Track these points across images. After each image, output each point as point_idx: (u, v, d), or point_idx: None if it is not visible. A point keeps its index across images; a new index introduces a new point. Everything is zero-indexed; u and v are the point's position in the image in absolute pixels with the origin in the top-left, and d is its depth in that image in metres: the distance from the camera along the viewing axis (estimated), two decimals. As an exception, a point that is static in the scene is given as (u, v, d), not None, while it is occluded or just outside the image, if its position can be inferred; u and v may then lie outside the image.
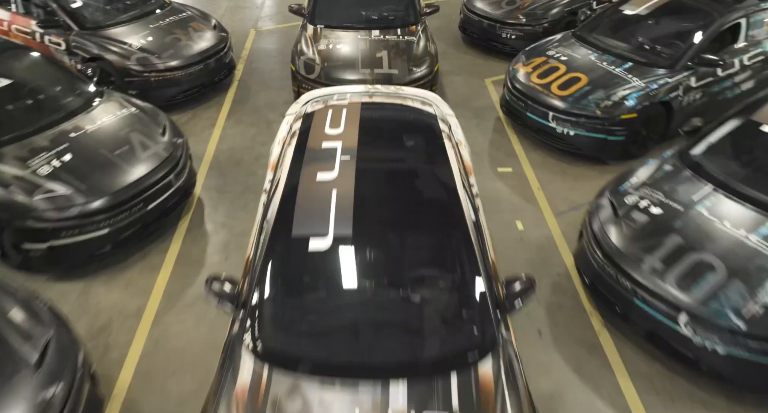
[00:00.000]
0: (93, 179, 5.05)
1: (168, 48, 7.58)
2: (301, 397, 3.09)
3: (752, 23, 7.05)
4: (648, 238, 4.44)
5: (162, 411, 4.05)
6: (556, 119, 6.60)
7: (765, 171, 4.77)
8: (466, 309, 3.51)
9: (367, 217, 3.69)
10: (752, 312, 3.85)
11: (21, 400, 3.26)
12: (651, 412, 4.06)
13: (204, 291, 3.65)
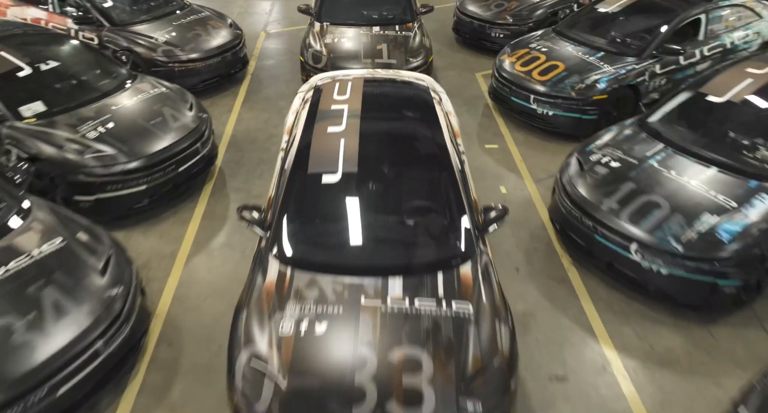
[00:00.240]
0: (133, 143, 5.87)
1: (189, 42, 8.46)
2: (317, 288, 3.88)
3: (711, 19, 7.92)
4: (607, 186, 5.25)
5: (198, 325, 4.82)
6: (537, 101, 7.45)
7: (708, 133, 5.60)
8: (451, 228, 4.30)
9: (369, 159, 4.50)
10: (689, 238, 4.64)
11: (92, 296, 4.05)
12: (608, 326, 4.84)
13: (236, 218, 4.46)
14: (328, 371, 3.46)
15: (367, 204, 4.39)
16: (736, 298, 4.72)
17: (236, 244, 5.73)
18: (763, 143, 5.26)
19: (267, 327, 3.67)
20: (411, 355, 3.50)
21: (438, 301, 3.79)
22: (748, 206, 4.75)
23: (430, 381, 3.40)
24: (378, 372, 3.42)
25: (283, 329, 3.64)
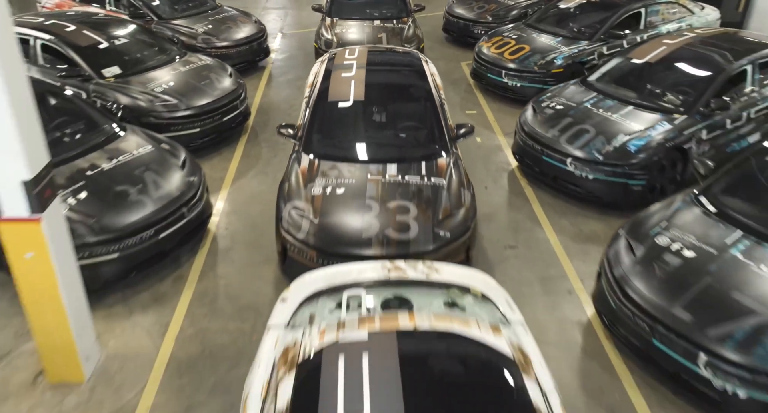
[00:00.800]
0: (189, 96, 7.61)
1: (223, 33, 10.27)
2: (337, 169, 5.56)
3: (650, 12, 9.73)
4: (552, 121, 6.97)
5: (244, 219, 6.49)
6: (508, 75, 9.22)
7: (631, 85, 7.31)
8: (432, 135, 6.01)
9: (373, 92, 6.22)
10: (607, 151, 6.35)
11: (177, 180, 5.74)
12: (550, 219, 6.49)
13: (276, 133, 6.16)
14: (345, 212, 5.13)
15: (371, 120, 6.12)
16: (643, 196, 6.39)
17: (268, 172, 7.42)
18: (668, 90, 6.98)
19: (303, 191, 5.35)
20: (402, 205, 5.18)
21: (421, 177, 5.47)
22: (651, 130, 6.46)
23: (415, 219, 5.06)
24: (380, 213, 5.09)
25: (314, 191, 5.32)
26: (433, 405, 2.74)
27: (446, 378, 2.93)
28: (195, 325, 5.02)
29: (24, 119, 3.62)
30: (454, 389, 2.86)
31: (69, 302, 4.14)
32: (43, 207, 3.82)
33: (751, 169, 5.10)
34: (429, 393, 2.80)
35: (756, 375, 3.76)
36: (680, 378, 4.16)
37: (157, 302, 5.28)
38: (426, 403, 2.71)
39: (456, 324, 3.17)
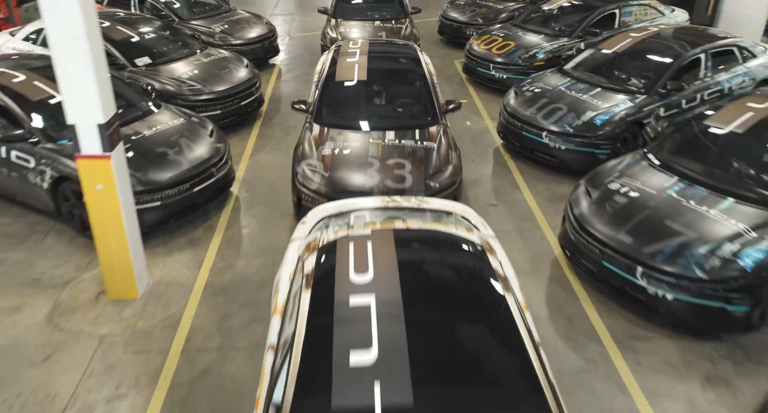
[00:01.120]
0: (211, 82, 8.63)
1: (237, 32, 11.32)
2: (344, 135, 6.56)
3: (623, 13, 10.80)
4: (530, 102, 7.97)
5: (263, 183, 7.46)
6: (495, 68, 10.25)
7: (601, 71, 8.31)
8: (423, 111, 7.00)
9: (374, 74, 7.24)
10: (577, 124, 7.34)
11: (207, 145, 6.73)
12: (528, 184, 7.48)
13: (290, 109, 7.16)
14: (351, 168, 6.11)
15: (372, 95, 7.13)
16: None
17: (281, 149, 8.40)
18: (632, 75, 8.00)
19: (314, 152, 6.33)
20: (399, 162, 6.16)
21: (415, 141, 6.47)
22: (615, 107, 7.45)
23: (410, 172, 6.05)
24: (380, 168, 6.07)
25: (325, 151, 6.31)
26: (419, 272, 3.70)
27: (430, 255, 3.91)
28: (225, 261, 5.99)
29: (101, 77, 4.62)
30: (435, 261, 3.85)
31: (128, 228, 5.11)
32: (111, 147, 4.80)
33: (691, 129, 6.10)
34: (416, 264, 3.77)
35: (679, 280, 4.73)
36: (623, 291, 5.13)
37: (192, 244, 6.25)
38: (414, 270, 3.67)
39: (439, 225, 4.15)
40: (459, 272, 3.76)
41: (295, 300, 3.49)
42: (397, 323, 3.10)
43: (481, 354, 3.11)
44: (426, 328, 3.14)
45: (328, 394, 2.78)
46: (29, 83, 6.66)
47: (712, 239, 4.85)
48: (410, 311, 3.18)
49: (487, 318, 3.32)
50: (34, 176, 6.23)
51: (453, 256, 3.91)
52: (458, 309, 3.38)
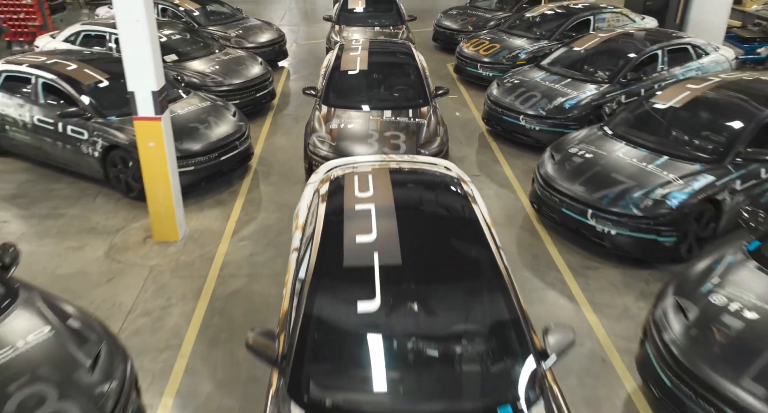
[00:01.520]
0: (230, 76, 9.84)
1: (251, 36, 12.57)
2: (348, 114, 7.73)
3: (597, 19, 12.04)
4: (511, 91, 9.16)
5: (277, 160, 8.62)
6: (482, 67, 11.48)
7: (571, 65, 9.52)
8: (416, 95, 8.18)
9: (374, 64, 8.45)
10: (548, 108, 8.53)
11: (231, 122, 7.91)
12: (507, 160, 8.63)
13: (302, 93, 8.35)
14: (354, 138, 7.27)
15: (372, 82, 8.32)
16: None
17: (292, 133, 9.57)
18: (598, 68, 9.20)
19: (323, 126, 7.49)
20: (395, 134, 7.32)
21: (409, 118, 7.63)
22: (582, 94, 8.64)
23: (404, 142, 7.20)
24: (379, 138, 7.22)
25: (332, 126, 7.48)
26: (408, 190, 4.85)
27: (417, 181, 5.07)
28: (248, 215, 7.12)
29: (155, 54, 5.81)
30: (421, 184, 5.01)
31: (173, 180, 6.26)
32: (161, 111, 5.97)
33: (639, 106, 7.28)
34: (406, 186, 4.92)
35: (620, 217, 5.87)
36: (578, 232, 6.27)
37: (220, 204, 7.39)
38: (404, 189, 4.81)
39: (425, 166, 5.31)
40: (439, 190, 4.91)
41: (313, 214, 4.62)
42: (390, 219, 4.23)
43: (454, 239, 4.23)
44: (412, 223, 4.26)
45: (341, 259, 3.90)
46: (80, 70, 7.85)
47: (647, 185, 5.99)
48: (401, 211, 4.31)
49: (458, 217, 4.46)
50: (86, 146, 7.38)
51: (434, 183, 5.06)
52: (438, 212, 4.53)
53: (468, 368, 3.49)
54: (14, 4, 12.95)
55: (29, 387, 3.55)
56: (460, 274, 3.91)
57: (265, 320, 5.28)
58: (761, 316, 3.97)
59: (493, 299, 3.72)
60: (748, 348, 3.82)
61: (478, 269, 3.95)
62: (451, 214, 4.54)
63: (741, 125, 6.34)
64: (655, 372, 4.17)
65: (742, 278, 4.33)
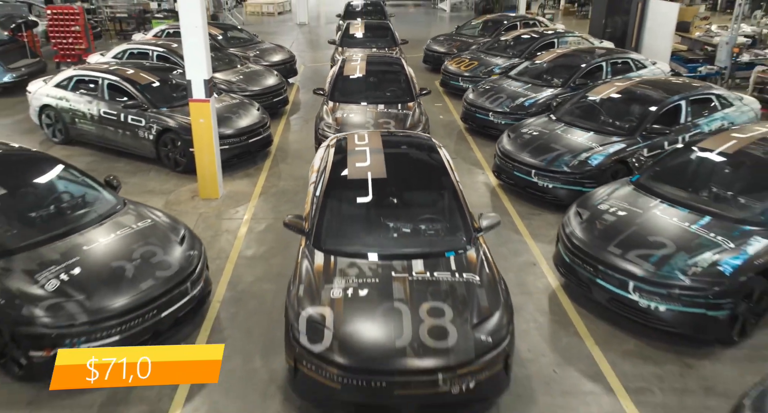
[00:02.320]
0: (251, 83, 11.90)
1: (267, 56, 14.71)
2: (349, 106, 9.74)
3: (561, 42, 14.20)
4: (483, 94, 11.22)
5: (292, 147, 10.62)
6: (463, 80, 13.59)
7: (535, 75, 11.60)
8: (405, 93, 10.22)
9: (371, 71, 10.53)
10: (512, 105, 10.57)
11: (255, 115, 9.93)
12: (479, 147, 10.62)
13: (312, 96, 10.39)
14: (354, 125, 9.25)
15: (369, 83, 10.36)
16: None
17: (302, 131, 11.56)
18: (552, 74, 11.28)
19: (330, 116, 9.48)
20: (387, 120, 9.30)
21: (398, 110, 9.63)
22: (539, 94, 10.69)
23: (394, 126, 9.18)
24: (374, 124, 9.20)
25: (336, 115, 9.46)
26: (395, 144, 6.83)
27: (402, 140, 7.05)
28: (271, 183, 9.07)
29: (207, 52, 7.84)
30: (405, 142, 7.00)
31: (216, 150, 8.22)
32: (209, 95, 7.97)
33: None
34: (394, 142, 6.91)
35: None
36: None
37: (248, 176, 9.35)
38: (392, 143, 6.79)
39: (412, 136, 7.33)
40: (419, 149, 6.85)
41: (323, 158, 6.55)
42: (380, 155, 6.18)
43: (422, 164, 6.20)
44: (396, 160, 6.20)
45: (346, 174, 5.84)
46: (137, 74, 9.90)
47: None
48: (388, 149, 6.28)
49: (432, 164, 6.31)
50: (143, 131, 9.37)
51: (416, 143, 7.01)
52: (417, 158, 6.49)
53: (430, 233, 5.41)
54: (65, 31, 15.13)
55: (144, 247, 5.63)
56: (427, 185, 5.87)
57: (288, 245, 7.16)
58: (627, 213, 6.10)
59: (448, 201, 5.68)
60: (616, 230, 5.88)
61: (439, 182, 5.89)
62: (423, 152, 6.52)
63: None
64: (560, 254, 6.18)
65: (622, 194, 6.44)
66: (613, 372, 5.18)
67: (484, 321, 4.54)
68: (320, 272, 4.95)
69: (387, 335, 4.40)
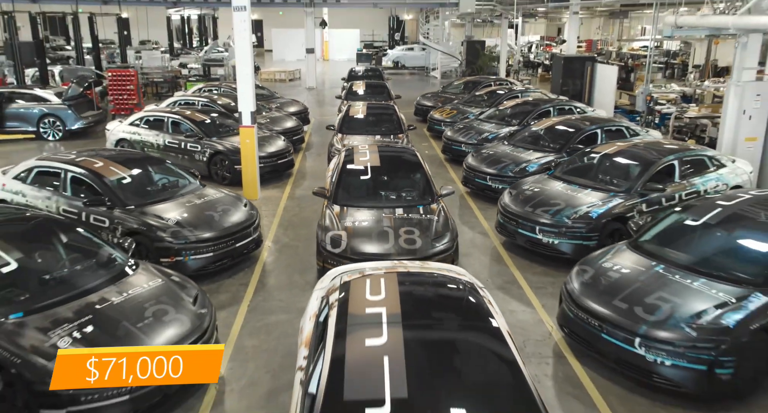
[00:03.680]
0: (276, 125, 15.17)
1: (285, 107, 18.04)
2: (354, 137, 12.92)
3: (524, 94, 17.60)
4: (459, 132, 14.44)
5: (309, 171, 13.75)
6: (444, 124, 16.88)
7: (504, 118, 14.87)
8: (396, 127, 13.43)
9: (370, 113, 13.81)
10: (479, 138, 13.77)
11: (283, 144, 13.13)
12: (450, 166, 13.74)
13: (321, 136, 13.60)
14: (358, 148, 12.40)
15: (369, 120, 13.57)
16: (497, 159, 13.68)
17: (315, 161, 14.70)
18: (518, 116, 14.54)
19: (339, 143, 12.63)
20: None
21: (390, 139, 12.81)
22: (501, 129, 13.91)
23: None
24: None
25: (344, 143, 12.63)
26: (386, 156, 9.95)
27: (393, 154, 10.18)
28: (294, 191, 12.12)
29: (253, 91, 11.06)
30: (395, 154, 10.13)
31: (256, 163, 11.31)
32: (254, 123, 11.14)
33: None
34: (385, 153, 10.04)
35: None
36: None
37: (277, 187, 12.42)
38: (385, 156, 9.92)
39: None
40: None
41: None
42: (375, 154, 9.28)
43: (407, 164, 9.30)
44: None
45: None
46: (193, 114, 13.17)
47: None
48: (367, 107, 9.39)
49: (411, 161, 9.40)
50: (198, 155, 12.49)
51: (401, 153, 10.09)
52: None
53: (407, 198, 8.42)
54: (121, 89, 18.60)
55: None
56: (407, 173, 8.93)
57: (311, 223, 10.10)
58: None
59: (417, 178, 8.72)
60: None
61: (416, 170, 8.95)
62: (405, 153, 9.62)
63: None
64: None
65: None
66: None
67: (438, 238, 7.47)
68: (338, 214, 7.92)
69: (379, 243, 7.33)
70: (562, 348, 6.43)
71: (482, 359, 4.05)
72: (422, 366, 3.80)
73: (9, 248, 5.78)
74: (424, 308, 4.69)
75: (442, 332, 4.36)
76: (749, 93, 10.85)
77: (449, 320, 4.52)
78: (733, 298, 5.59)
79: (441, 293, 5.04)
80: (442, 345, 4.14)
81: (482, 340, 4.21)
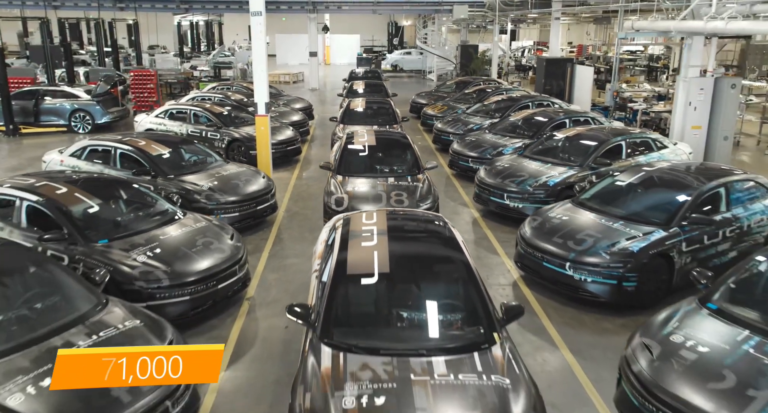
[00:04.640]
0: (284, 119, 16.96)
1: (291, 104, 19.85)
2: (354, 127, 14.70)
3: (508, 92, 19.37)
4: (449, 124, 16.22)
5: (315, 158, 15.52)
6: (435, 119, 18.64)
7: (487, 112, 16.64)
8: (392, 119, 15.20)
9: (368, 107, 15.58)
10: (465, 129, 15.55)
11: (291, 133, 14.91)
12: (444, 157, 15.51)
13: (324, 127, 15.39)
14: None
15: (367, 114, 15.35)
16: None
17: (319, 151, 16.46)
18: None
19: (341, 132, 14.40)
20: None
21: (386, 129, 14.59)
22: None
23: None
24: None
25: (346, 131, 14.40)
26: None
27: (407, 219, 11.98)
28: (301, 174, 13.89)
29: (266, 85, 12.85)
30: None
31: (269, 148, 13.09)
32: (267, 112, 12.91)
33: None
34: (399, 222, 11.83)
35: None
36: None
37: (286, 170, 14.18)
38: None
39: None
40: (380, 101, 11.72)
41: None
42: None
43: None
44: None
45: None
46: (212, 106, 14.96)
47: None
48: (365, 103, 11.22)
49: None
50: (217, 142, 14.25)
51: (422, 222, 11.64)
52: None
53: (398, 170, 10.18)
54: (142, 88, 20.41)
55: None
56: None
57: (317, 197, 11.85)
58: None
59: (406, 155, 10.49)
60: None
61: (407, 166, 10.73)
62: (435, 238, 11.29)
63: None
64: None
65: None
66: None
67: (422, 200, 9.24)
68: (341, 182, 9.70)
69: (374, 203, 9.10)
70: (516, 280, 8.22)
71: (444, 256, 5.65)
72: (400, 255, 5.44)
73: (91, 196, 7.52)
74: (405, 227, 6.47)
75: (415, 239, 6.25)
76: (694, 88, 12.63)
77: (422, 231, 6.32)
78: (641, 233, 7.22)
79: (419, 219, 6.70)
80: (415, 245, 6.02)
81: (445, 244, 5.82)
